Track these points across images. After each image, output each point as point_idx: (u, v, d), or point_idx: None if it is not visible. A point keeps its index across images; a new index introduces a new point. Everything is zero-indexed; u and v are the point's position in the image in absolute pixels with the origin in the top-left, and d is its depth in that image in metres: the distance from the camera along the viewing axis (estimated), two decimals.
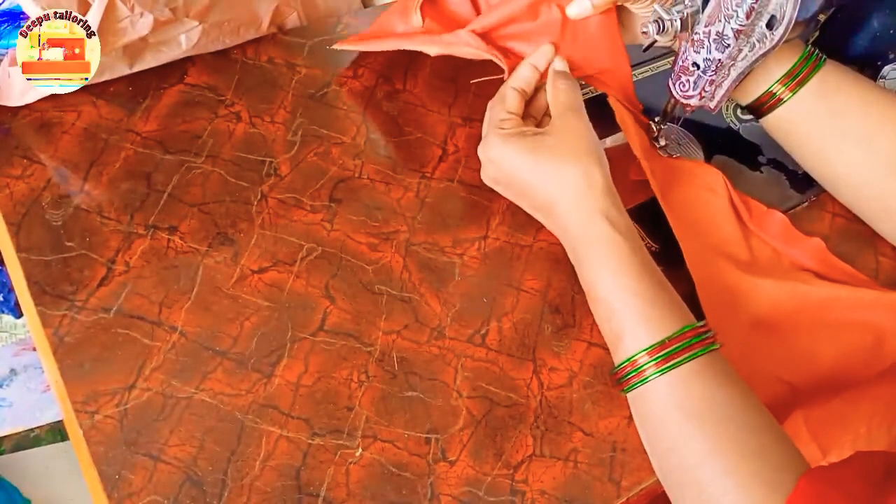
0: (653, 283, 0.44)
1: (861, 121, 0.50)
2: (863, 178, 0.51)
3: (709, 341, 0.43)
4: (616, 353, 0.45)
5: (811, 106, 0.51)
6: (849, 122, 0.51)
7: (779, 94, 0.51)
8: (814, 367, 0.51)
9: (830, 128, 0.51)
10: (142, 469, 0.42)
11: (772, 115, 0.53)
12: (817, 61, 0.51)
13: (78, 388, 0.44)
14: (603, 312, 0.46)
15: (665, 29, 0.49)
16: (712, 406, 0.41)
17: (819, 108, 0.51)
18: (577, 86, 0.52)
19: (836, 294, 0.53)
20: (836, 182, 0.54)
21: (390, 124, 0.58)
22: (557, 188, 0.47)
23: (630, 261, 0.45)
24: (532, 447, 0.46)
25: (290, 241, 0.51)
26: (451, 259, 0.52)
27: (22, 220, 0.49)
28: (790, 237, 0.56)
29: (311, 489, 0.43)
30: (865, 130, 0.50)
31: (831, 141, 0.51)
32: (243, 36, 0.58)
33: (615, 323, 0.44)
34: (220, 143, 0.54)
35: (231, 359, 0.46)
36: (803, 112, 0.51)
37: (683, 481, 0.41)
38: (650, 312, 0.43)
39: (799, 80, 0.51)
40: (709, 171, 0.56)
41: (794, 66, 0.51)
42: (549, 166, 0.47)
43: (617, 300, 0.44)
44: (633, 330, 0.43)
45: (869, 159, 0.51)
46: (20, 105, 0.52)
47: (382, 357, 0.48)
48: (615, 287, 0.45)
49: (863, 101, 0.51)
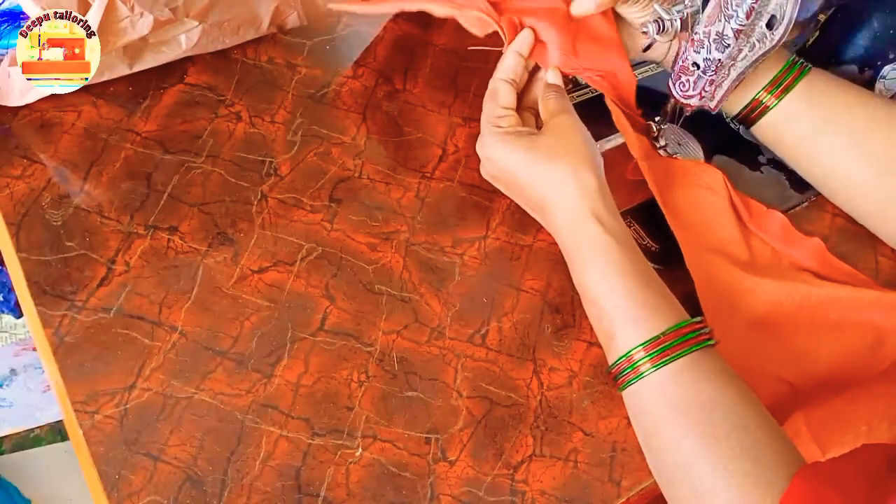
0: (643, 283, 0.45)
1: (848, 124, 0.51)
2: (853, 179, 0.52)
3: (704, 337, 0.43)
4: (609, 353, 0.45)
5: (797, 111, 0.52)
6: (836, 126, 0.51)
7: (765, 101, 0.52)
8: (814, 367, 0.51)
9: (818, 131, 0.52)
10: (142, 469, 0.42)
11: (760, 123, 0.53)
12: (801, 69, 0.52)
13: (78, 388, 0.44)
14: (594, 313, 0.46)
15: (665, 29, 0.49)
16: (706, 402, 0.41)
17: (805, 114, 0.52)
18: (566, 95, 0.52)
19: (836, 294, 0.53)
20: (827, 184, 0.54)
21: (390, 124, 0.58)
22: (550, 188, 0.47)
23: (619, 261, 0.45)
24: (532, 447, 0.46)
25: (290, 241, 0.51)
26: (451, 259, 0.52)
27: (22, 220, 0.49)
28: (790, 237, 0.56)
29: (311, 489, 0.43)
30: (853, 133, 0.51)
31: (820, 144, 0.52)
32: (243, 36, 0.58)
33: (606, 323, 0.45)
34: (220, 143, 0.54)
35: (231, 359, 0.46)
36: (790, 117, 0.52)
37: (678, 478, 0.41)
38: (638, 313, 0.43)
39: (784, 87, 0.52)
40: (708, 170, 0.56)
41: (778, 73, 0.52)
42: (543, 167, 0.48)
43: (606, 301, 0.45)
44: (623, 330, 0.44)
45: (858, 161, 0.51)
46: (20, 105, 0.52)
47: (382, 357, 0.48)
48: (604, 288, 0.45)
49: (849, 104, 0.51)
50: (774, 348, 0.51)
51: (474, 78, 0.61)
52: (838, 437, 0.47)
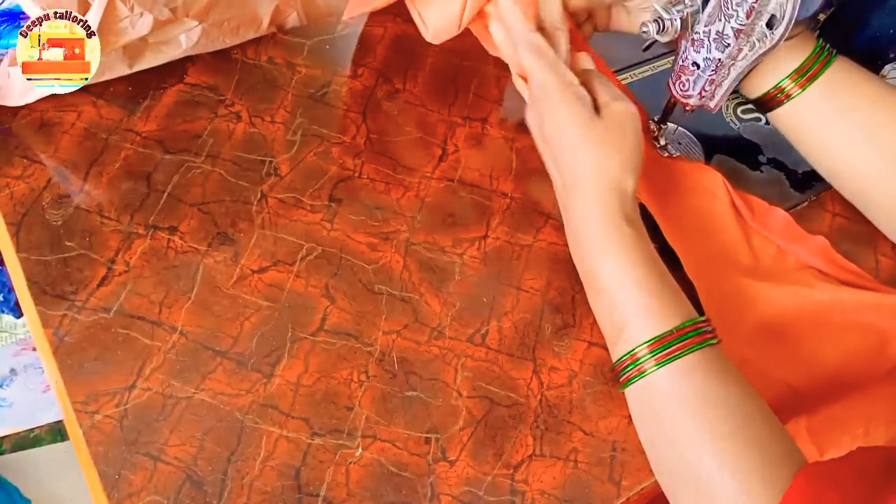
0: (658, 274, 0.45)
1: (869, 117, 0.50)
2: (868, 172, 0.51)
3: (707, 336, 0.43)
4: (615, 347, 0.45)
5: (819, 102, 0.51)
6: (856, 117, 0.50)
7: (787, 89, 0.51)
8: (817, 371, 0.51)
9: (838, 123, 0.51)
10: (142, 469, 0.42)
11: (779, 110, 0.53)
12: (828, 57, 0.51)
13: (78, 388, 0.44)
14: (605, 303, 0.46)
15: (665, 28, 0.49)
16: (710, 400, 0.41)
17: (827, 105, 0.51)
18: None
19: (838, 296, 0.53)
20: (840, 176, 0.53)
21: (390, 124, 0.58)
22: (591, 175, 0.46)
23: (637, 255, 0.45)
24: (532, 447, 0.46)
25: (290, 240, 0.51)
26: (451, 259, 0.52)
27: (22, 220, 0.49)
28: (794, 234, 0.55)
29: (311, 489, 0.43)
30: (873, 126, 0.50)
31: (838, 136, 0.51)
32: (243, 36, 0.58)
33: (617, 314, 0.44)
34: (220, 142, 0.54)
35: (231, 359, 0.46)
36: (811, 108, 0.51)
37: (681, 475, 0.41)
38: (653, 304, 0.43)
39: (809, 76, 0.50)
40: (707, 172, 0.56)
41: (804, 61, 0.50)
42: (594, 152, 0.46)
43: (620, 291, 0.44)
44: (636, 321, 0.43)
45: (875, 155, 0.50)
46: (20, 105, 0.52)
47: (382, 357, 0.48)
48: (620, 277, 0.44)
49: (871, 97, 0.50)
50: (778, 352, 0.51)
51: (474, 78, 0.62)
52: (836, 438, 0.47)
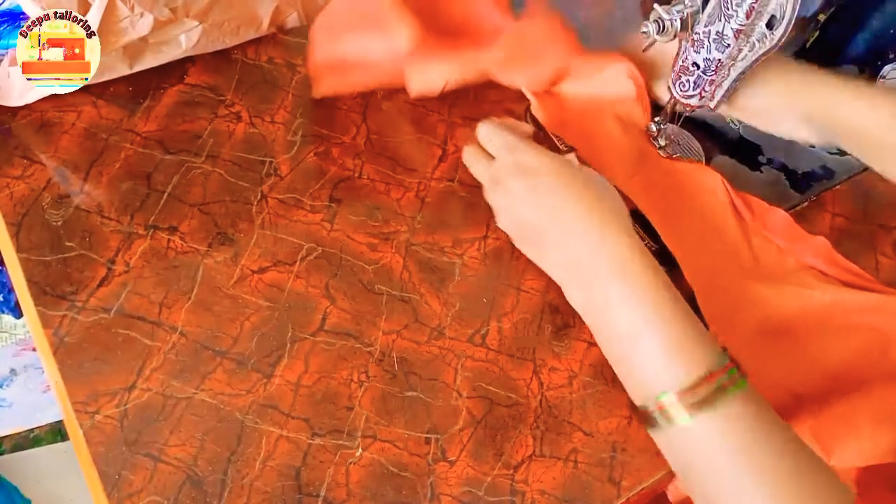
0: (682, 316, 0.42)
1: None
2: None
3: (737, 378, 0.40)
4: (636, 393, 0.42)
5: None
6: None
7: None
8: (820, 372, 0.51)
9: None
10: (142, 469, 0.42)
11: None
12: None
13: (78, 388, 0.44)
14: (625, 349, 0.42)
15: (665, 29, 0.49)
16: (756, 444, 0.39)
17: None
18: None
19: (839, 298, 0.52)
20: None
21: (390, 124, 0.58)
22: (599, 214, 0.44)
23: (656, 301, 0.42)
24: (532, 447, 0.46)
25: (290, 241, 0.51)
26: (451, 259, 0.52)
27: (22, 220, 0.49)
28: (794, 234, 0.55)
29: (311, 489, 0.43)
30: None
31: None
32: (243, 36, 0.58)
33: (637, 360, 0.41)
34: (220, 143, 0.54)
35: (231, 359, 0.46)
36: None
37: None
38: (679, 346, 0.41)
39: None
40: (707, 174, 0.56)
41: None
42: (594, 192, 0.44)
43: (640, 338, 0.41)
44: (658, 370, 0.40)
45: None
46: (20, 105, 0.52)
47: (382, 357, 0.48)
48: (642, 323, 0.41)
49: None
50: (779, 353, 0.51)
51: None
52: (841, 438, 0.47)
